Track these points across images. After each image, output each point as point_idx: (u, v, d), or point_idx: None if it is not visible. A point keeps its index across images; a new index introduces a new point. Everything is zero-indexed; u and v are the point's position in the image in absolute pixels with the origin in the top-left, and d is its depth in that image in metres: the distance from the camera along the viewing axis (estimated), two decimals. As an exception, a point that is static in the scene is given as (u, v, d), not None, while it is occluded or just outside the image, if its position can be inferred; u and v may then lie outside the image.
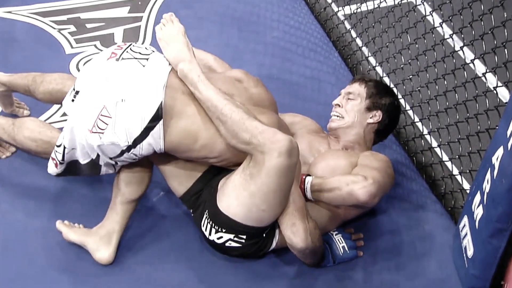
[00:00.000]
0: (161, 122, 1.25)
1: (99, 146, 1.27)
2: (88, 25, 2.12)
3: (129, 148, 1.27)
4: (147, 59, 1.31)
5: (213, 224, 1.31)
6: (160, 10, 2.22)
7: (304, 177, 1.37)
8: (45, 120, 1.75)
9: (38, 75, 1.58)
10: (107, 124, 1.24)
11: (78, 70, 1.94)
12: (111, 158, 1.31)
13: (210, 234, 1.32)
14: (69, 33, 2.08)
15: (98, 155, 1.31)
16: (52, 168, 1.38)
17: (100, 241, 1.36)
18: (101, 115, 1.24)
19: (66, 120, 1.73)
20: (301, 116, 1.65)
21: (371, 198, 1.30)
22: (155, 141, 1.27)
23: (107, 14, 2.18)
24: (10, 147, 1.60)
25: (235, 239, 1.30)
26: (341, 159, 1.44)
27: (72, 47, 2.02)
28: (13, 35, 2.05)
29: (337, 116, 1.53)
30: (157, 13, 2.21)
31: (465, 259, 1.35)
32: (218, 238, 1.31)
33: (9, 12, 2.15)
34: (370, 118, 1.51)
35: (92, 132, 1.26)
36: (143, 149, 1.28)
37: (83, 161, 1.34)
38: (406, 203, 1.60)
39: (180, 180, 1.39)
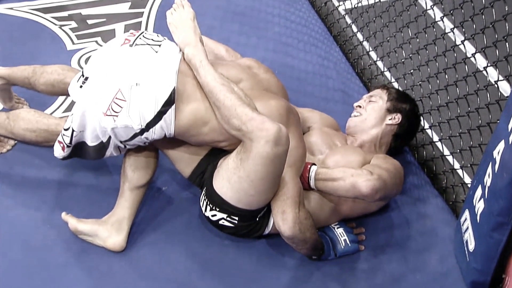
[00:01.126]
0: (173, 106, 1.28)
1: (112, 129, 1.29)
2: (89, 21, 2.12)
3: (142, 132, 1.29)
4: (159, 45, 1.34)
5: (208, 202, 1.34)
6: (161, 5, 2.22)
7: (309, 166, 1.38)
8: (47, 116, 1.76)
9: (38, 67, 1.57)
10: (121, 107, 1.27)
11: (80, 66, 1.94)
12: (121, 142, 1.33)
13: (205, 210, 1.35)
14: (70, 29, 2.08)
15: (109, 139, 1.33)
16: (59, 151, 1.39)
17: (112, 228, 1.37)
18: (116, 98, 1.27)
19: (69, 116, 1.76)
20: (320, 112, 1.67)
21: (373, 192, 1.31)
22: (166, 126, 1.29)
23: (108, 10, 2.18)
24: (9, 141, 1.60)
25: (228, 219, 1.33)
26: (356, 155, 1.45)
27: (73, 43, 2.03)
28: (15, 32, 2.05)
29: (356, 115, 1.56)
30: (158, 8, 2.21)
31: (466, 253, 1.36)
32: (212, 216, 1.34)
33: (11, 8, 2.15)
34: (390, 119, 1.53)
35: (107, 115, 1.28)
36: (156, 133, 1.30)
37: (91, 143, 1.35)
38: (407, 198, 1.60)
39: (185, 161, 1.42)
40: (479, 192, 1.30)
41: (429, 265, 1.43)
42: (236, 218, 1.32)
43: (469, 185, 1.51)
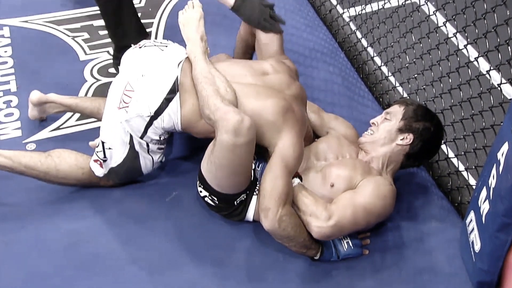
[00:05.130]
0: (177, 94, 1.40)
1: (127, 121, 1.41)
2: (101, 32, 2.18)
3: (151, 120, 1.40)
4: (166, 46, 1.49)
5: (198, 178, 1.45)
6: (169, 15, 2.27)
7: (294, 177, 1.40)
8: (61, 125, 1.81)
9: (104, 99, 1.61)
10: (130, 98, 1.40)
11: (92, 76, 2.00)
12: (141, 138, 1.43)
13: (198, 185, 1.46)
14: (82, 40, 2.15)
15: (131, 138, 1.44)
16: (98, 169, 1.50)
17: None
18: (126, 90, 1.41)
19: (81, 124, 1.81)
20: (344, 121, 1.67)
21: (322, 238, 1.36)
22: (173, 113, 1.40)
23: (119, 21, 2.25)
24: None
25: (210, 197, 1.43)
26: (353, 171, 1.44)
27: (86, 53, 2.09)
28: (30, 43, 2.11)
29: (369, 133, 1.53)
30: (167, 19, 2.27)
31: (472, 254, 1.37)
32: (200, 192, 1.45)
33: (26, 21, 2.23)
34: (401, 140, 1.47)
35: (120, 108, 1.41)
36: (165, 121, 1.41)
37: (123, 154, 1.45)
38: (413, 200, 1.62)
39: None
40: (484, 193, 1.31)
41: (436, 266, 1.45)
42: (215, 199, 1.42)
43: (474, 187, 1.52)
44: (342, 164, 1.48)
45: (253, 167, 1.45)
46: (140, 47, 1.49)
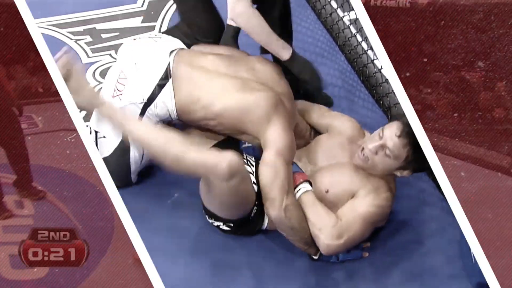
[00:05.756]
0: (170, 81, 1.41)
1: (121, 109, 1.42)
2: (104, 35, 2.21)
3: (145, 107, 1.42)
4: (160, 37, 1.52)
5: (204, 212, 1.45)
6: (172, 19, 2.30)
7: (301, 181, 1.40)
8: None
9: None
10: (124, 85, 1.43)
11: (95, 78, 2.02)
12: None
13: (207, 217, 1.46)
14: (85, 43, 2.17)
15: None
16: None
17: None
18: (119, 78, 1.44)
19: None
20: (345, 119, 1.64)
21: (329, 253, 1.38)
22: (167, 100, 1.41)
23: (122, 24, 2.26)
24: None
25: (225, 225, 1.43)
26: (350, 178, 1.44)
27: (88, 56, 2.11)
28: (33, 47, 2.14)
29: (365, 160, 1.43)
30: (169, 22, 2.29)
31: (472, 255, 1.37)
32: (212, 222, 1.45)
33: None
34: (398, 173, 1.45)
35: (114, 96, 1.44)
36: (158, 107, 1.43)
37: (115, 142, 1.46)
38: (414, 201, 1.63)
39: (203, 144, 1.52)
40: (483, 194, 1.33)
41: (436, 267, 1.46)
42: (231, 224, 1.42)
43: (473, 188, 1.53)
44: (336, 169, 1.48)
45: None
46: (134, 39, 1.54)
